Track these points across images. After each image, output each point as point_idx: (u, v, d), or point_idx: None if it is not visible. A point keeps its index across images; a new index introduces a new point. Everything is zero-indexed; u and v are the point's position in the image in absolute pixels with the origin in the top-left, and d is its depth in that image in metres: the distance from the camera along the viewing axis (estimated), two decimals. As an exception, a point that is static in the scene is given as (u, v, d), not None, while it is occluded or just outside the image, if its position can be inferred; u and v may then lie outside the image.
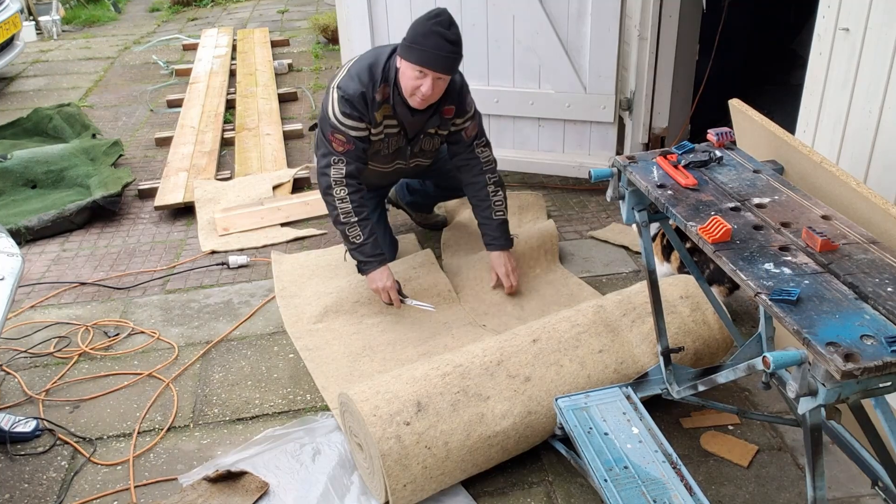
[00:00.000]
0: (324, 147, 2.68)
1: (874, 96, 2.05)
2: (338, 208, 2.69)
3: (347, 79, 2.64)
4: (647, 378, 2.18)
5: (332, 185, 2.67)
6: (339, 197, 2.67)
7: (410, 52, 2.52)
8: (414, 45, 2.51)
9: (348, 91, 2.60)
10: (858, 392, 1.32)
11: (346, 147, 2.65)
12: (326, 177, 2.68)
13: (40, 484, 2.22)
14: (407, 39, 2.55)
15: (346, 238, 2.74)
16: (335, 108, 2.62)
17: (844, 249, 1.55)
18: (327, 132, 2.65)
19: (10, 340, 2.87)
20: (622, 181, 1.97)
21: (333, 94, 2.64)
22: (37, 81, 6.38)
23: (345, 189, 2.67)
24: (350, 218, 2.69)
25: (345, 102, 2.60)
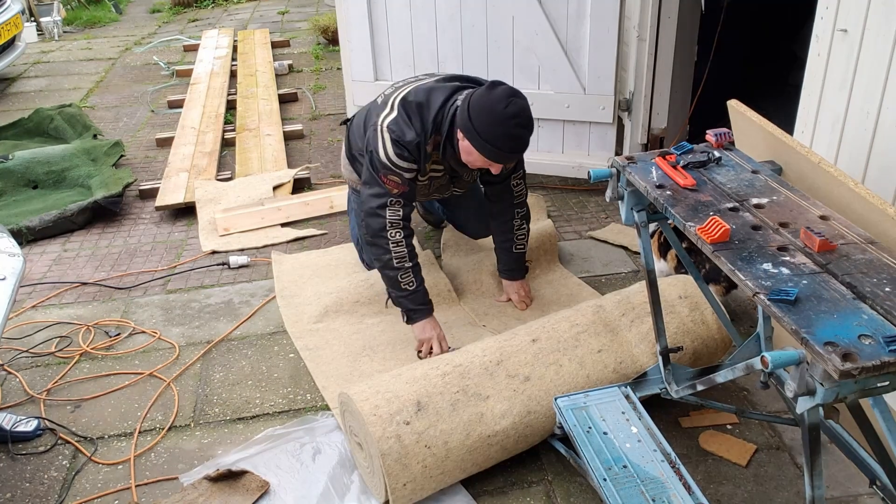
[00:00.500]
0: (376, 187, 2.49)
1: (872, 97, 2.06)
2: (392, 252, 2.50)
3: (400, 122, 2.45)
4: (646, 378, 2.19)
5: (386, 228, 2.48)
6: (394, 240, 2.49)
7: (483, 148, 2.33)
8: (488, 144, 2.32)
9: (404, 138, 2.43)
10: (856, 391, 1.32)
11: (401, 189, 2.48)
12: (381, 218, 2.48)
13: (41, 483, 2.23)
14: (479, 129, 2.31)
15: (397, 284, 2.54)
16: (388, 150, 2.44)
17: (842, 249, 1.56)
18: (379, 172, 2.47)
19: (11, 340, 2.87)
20: (621, 181, 1.98)
21: (384, 136, 2.45)
22: (38, 82, 6.39)
23: (401, 232, 2.50)
24: (404, 263, 2.51)
25: (398, 145, 2.43)
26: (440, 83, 2.53)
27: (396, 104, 2.49)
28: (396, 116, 2.46)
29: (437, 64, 3.89)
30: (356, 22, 3.89)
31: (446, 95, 2.47)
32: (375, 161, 2.47)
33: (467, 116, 2.33)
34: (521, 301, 2.89)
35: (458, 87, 2.51)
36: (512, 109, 2.29)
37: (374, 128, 2.50)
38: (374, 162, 2.48)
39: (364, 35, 3.90)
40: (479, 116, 2.30)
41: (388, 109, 2.50)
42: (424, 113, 2.45)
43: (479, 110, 2.31)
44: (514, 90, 2.34)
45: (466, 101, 2.36)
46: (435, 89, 2.49)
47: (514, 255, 2.85)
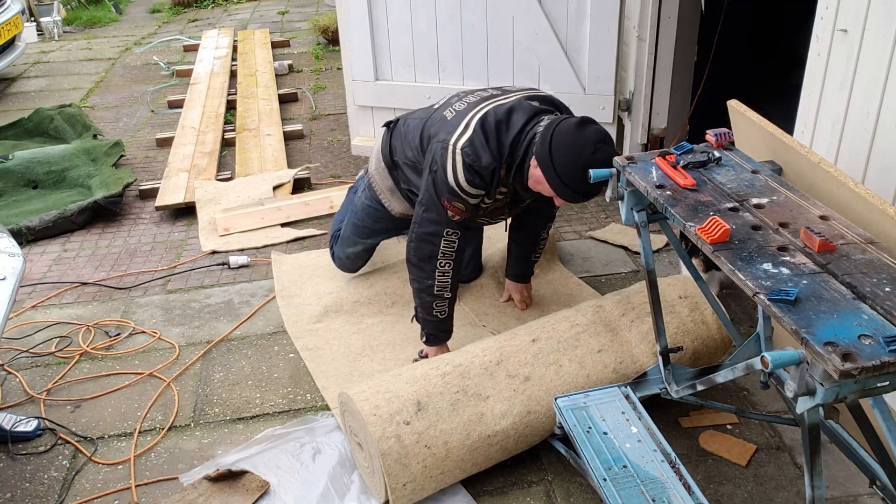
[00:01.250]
0: (435, 212, 2.33)
1: (872, 97, 2.06)
2: (435, 280, 2.38)
3: (476, 145, 2.25)
4: (646, 378, 2.19)
5: (437, 256, 2.36)
6: (441, 270, 2.37)
7: (558, 187, 2.18)
8: (564, 185, 2.16)
9: (479, 163, 2.23)
10: (856, 391, 1.32)
11: (462, 216, 2.33)
12: (432, 246, 2.35)
13: (41, 483, 2.23)
14: (558, 168, 2.14)
15: (429, 309, 2.43)
16: (459, 175, 2.25)
17: (842, 249, 1.56)
18: (442, 198, 2.30)
19: (11, 340, 2.87)
20: (621, 181, 1.98)
21: (456, 158, 2.25)
22: (38, 82, 6.39)
23: (451, 263, 2.38)
24: (444, 293, 2.41)
25: (473, 172, 2.24)
26: (521, 101, 2.34)
27: (474, 124, 2.28)
28: (472, 137, 2.26)
29: (437, 63, 3.90)
30: (356, 22, 3.89)
31: (527, 118, 2.28)
32: (440, 183, 2.29)
33: (548, 150, 2.15)
34: (522, 301, 2.88)
35: (540, 109, 2.33)
36: (599, 157, 2.10)
37: (444, 146, 2.29)
38: (437, 183, 2.30)
39: (364, 35, 3.90)
40: (562, 155, 2.13)
41: (462, 128, 2.29)
42: (503, 136, 2.27)
43: (563, 149, 2.12)
44: (604, 135, 2.15)
45: (549, 132, 2.17)
46: (516, 109, 2.30)
47: (530, 262, 2.82)
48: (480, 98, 2.40)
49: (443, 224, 2.33)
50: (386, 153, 2.68)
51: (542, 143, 2.18)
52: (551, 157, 2.14)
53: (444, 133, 2.32)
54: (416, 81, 3.95)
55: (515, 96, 2.37)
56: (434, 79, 3.93)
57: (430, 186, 2.33)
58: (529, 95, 2.39)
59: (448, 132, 2.31)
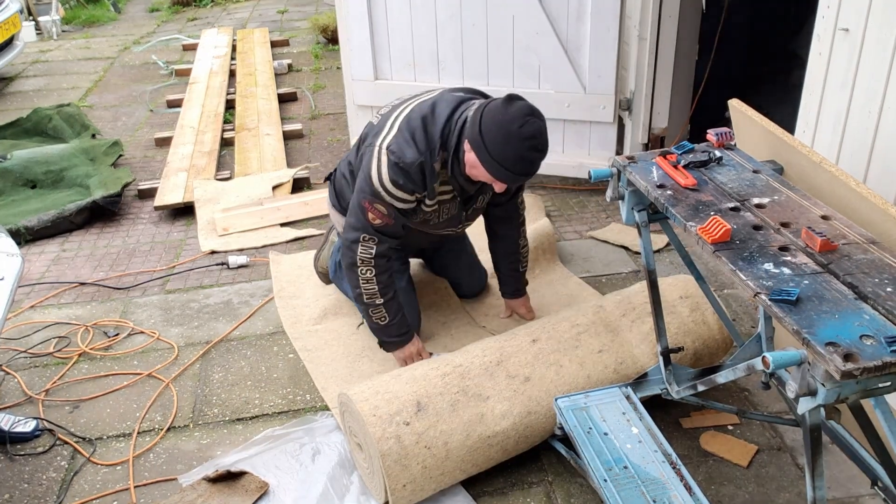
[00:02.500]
0: (355, 217, 2.30)
1: (874, 96, 2.05)
2: (361, 287, 2.37)
3: (401, 141, 2.22)
4: (647, 378, 2.18)
5: (356, 264, 2.33)
6: (364, 277, 2.35)
7: (491, 167, 2.14)
8: (497, 163, 2.12)
9: (405, 158, 2.19)
10: (858, 392, 1.32)
11: (384, 221, 2.28)
12: (352, 253, 2.33)
13: (40, 484, 2.22)
14: (489, 145, 2.11)
15: (368, 317, 2.44)
16: (383, 175, 2.21)
17: (844, 249, 1.55)
18: (363, 199, 2.26)
19: (9, 340, 2.87)
20: (622, 181, 1.98)
21: (382, 158, 2.22)
22: (36, 81, 6.38)
23: (372, 270, 2.33)
24: (375, 300, 2.38)
25: (398, 171, 2.20)
26: (443, 94, 2.35)
27: (399, 122, 2.27)
28: (397, 135, 2.24)
29: (437, 63, 3.89)
30: (356, 21, 3.88)
31: (453, 106, 2.27)
32: (364, 184, 2.26)
33: (478, 130, 2.13)
34: (528, 313, 2.80)
35: (465, 97, 2.32)
36: (528, 130, 2.08)
37: (371, 148, 2.27)
38: (362, 185, 2.27)
39: (364, 34, 3.89)
40: (492, 132, 2.10)
41: (387, 129, 2.28)
42: (430, 127, 2.23)
43: (491, 125, 2.11)
44: (532, 108, 2.13)
45: (479, 113, 2.16)
46: (439, 101, 2.29)
47: (519, 274, 2.75)
48: (405, 99, 2.40)
49: (360, 229, 2.29)
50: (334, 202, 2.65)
51: (472, 125, 2.16)
52: (482, 137, 2.12)
53: (372, 137, 2.32)
54: (416, 81, 3.95)
55: (439, 91, 2.38)
56: (434, 78, 3.92)
57: (357, 191, 2.30)
58: (453, 89, 2.39)
59: (375, 135, 2.30)
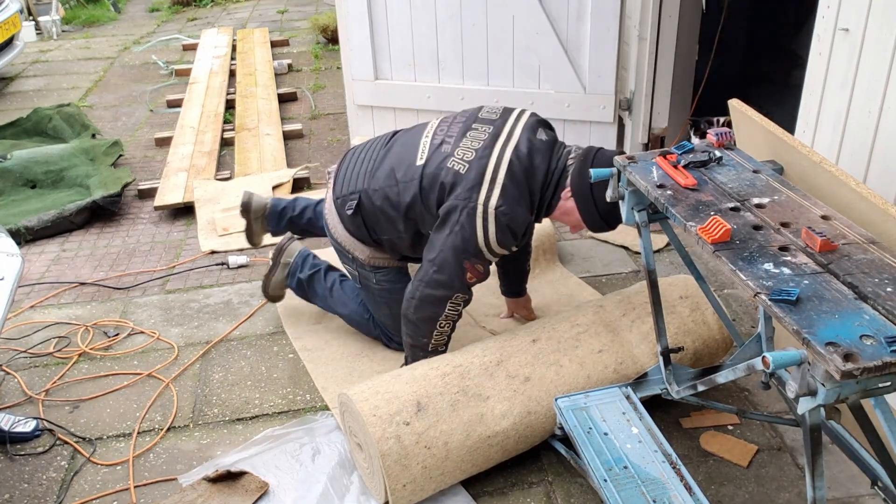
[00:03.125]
0: (449, 274, 2.16)
1: (874, 96, 2.05)
2: (432, 339, 2.26)
3: (511, 202, 2.11)
4: (647, 378, 2.18)
5: (437, 320, 2.22)
6: (440, 331, 2.26)
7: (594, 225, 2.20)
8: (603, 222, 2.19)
9: (517, 220, 2.12)
10: (858, 392, 1.32)
11: (479, 278, 2.20)
12: (437, 308, 2.20)
13: (40, 484, 2.22)
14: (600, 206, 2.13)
15: (417, 358, 2.30)
16: (491, 237, 2.11)
17: (844, 249, 1.55)
18: (464, 259, 2.13)
19: (9, 340, 2.87)
20: (622, 181, 1.98)
21: (489, 219, 2.10)
22: (36, 81, 6.38)
23: (451, 324, 2.26)
24: (440, 348, 2.31)
25: (508, 231, 2.12)
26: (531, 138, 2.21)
27: (501, 178, 2.12)
28: (502, 193, 2.11)
29: (437, 63, 3.89)
30: (356, 20, 3.88)
31: (549, 157, 2.20)
32: (466, 245, 2.12)
33: (588, 185, 2.12)
34: (530, 314, 2.79)
35: (553, 139, 2.27)
36: None
37: (471, 208, 2.11)
38: (463, 245, 2.12)
39: (364, 34, 3.89)
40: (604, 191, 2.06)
41: (487, 184, 2.12)
42: (532, 183, 2.16)
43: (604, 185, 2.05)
44: None
45: (588, 165, 2.14)
46: (535, 150, 2.18)
47: (525, 272, 2.72)
48: (488, 140, 2.21)
49: (455, 288, 2.19)
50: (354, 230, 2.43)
51: (582, 178, 2.15)
52: (593, 193, 2.15)
53: (465, 191, 2.13)
54: (416, 81, 3.95)
55: (519, 131, 2.23)
56: (434, 78, 3.92)
57: (451, 247, 2.13)
58: (530, 125, 2.26)
59: (470, 189, 2.12)
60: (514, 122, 2.28)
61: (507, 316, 2.82)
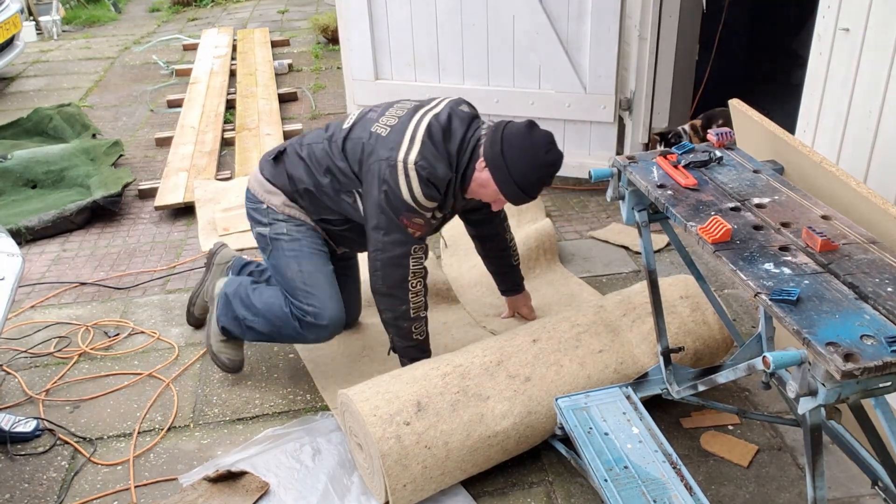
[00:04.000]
0: (397, 233, 2.21)
1: (874, 96, 2.05)
2: (410, 303, 2.27)
3: (430, 157, 2.17)
4: (647, 378, 2.18)
5: (408, 278, 2.25)
6: (414, 290, 2.27)
7: (509, 189, 2.17)
8: (517, 187, 2.16)
9: (437, 173, 2.17)
10: (858, 392, 1.32)
11: (422, 231, 2.24)
12: (403, 269, 2.24)
13: (40, 484, 2.22)
14: (512, 169, 2.13)
15: (408, 335, 2.32)
16: (415, 191, 2.17)
17: (844, 249, 1.55)
18: (400, 214, 2.19)
19: (10, 340, 2.87)
20: (622, 181, 1.98)
21: (410, 173, 2.16)
22: (37, 81, 6.38)
23: (421, 281, 2.28)
24: (420, 312, 2.30)
25: (428, 184, 2.17)
26: (454, 108, 2.29)
27: (420, 135, 2.20)
28: (422, 149, 2.18)
29: (437, 63, 3.89)
30: (356, 20, 3.88)
31: (467, 124, 2.26)
32: (396, 201, 2.18)
33: (500, 151, 2.14)
34: (531, 312, 2.78)
35: (474, 114, 2.32)
36: (551, 157, 2.16)
37: (391, 164, 2.18)
38: (393, 203, 2.18)
39: (364, 33, 3.89)
40: (516, 155, 2.13)
41: (407, 142, 2.20)
42: (449, 144, 2.22)
43: (516, 149, 2.13)
44: (550, 136, 2.20)
45: (499, 134, 2.17)
46: (454, 116, 2.26)
47: (514, 268, 2.72)
48: (411, 109, 2.31)
49: (409, 243, 2.23)
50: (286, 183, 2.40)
51: (493, 146, 2.16)
52: (504, 159, 2.14)
53: (386, 150, 2.21)
54: (417, 81, 3.95)
55: (442, 104, 2.31)
56: (434, 78, 3.92)
57: (384, 208, 2.20)
58: (454, 101, 2.33)
59: (391, 148, 2.20)
60: (439, 101, 2.35)
61: (508, 315, 2.82)
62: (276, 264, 2.42)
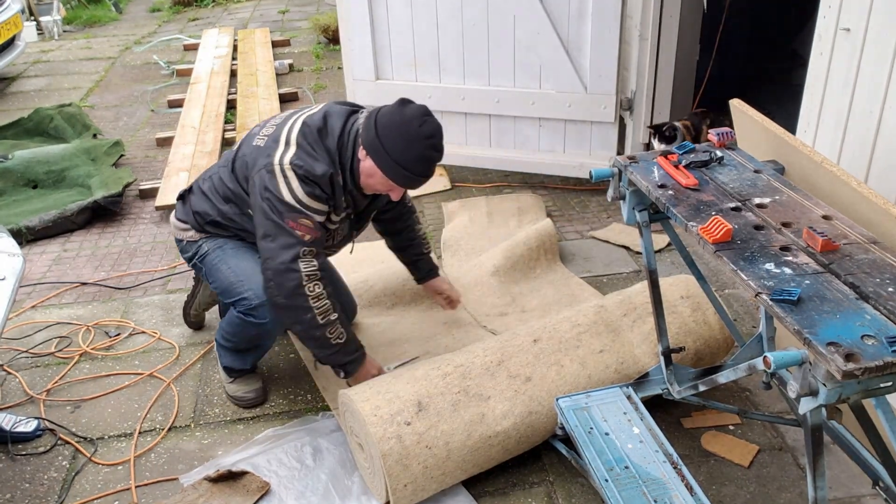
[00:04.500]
0: (284, 236, 2.13)
1: (875, 96, 2.05)
2: (314, 309, 2.16)
3: (305, 156, 2.14)
4: (648, 378, 2.18)
5: (302, 283, 2.13)
6: (314, 295, 2.15)
7: (392, 170, 2.11)
8: (399, 166, 2.09)
9: (314, 172, 2.12)
10: (859, 392, 1.32)
11: (312, 235, 2.15)
12: (295, 273, 2.12)
13: (41, 484, 2.23)
14: (389, 149, 2.08)
15: (326, 343, 2.21)
16: (296, 191, 2.12)
17: (845, 249, 1.55)
18: (285, 217, 2.12)
19: (11, 340, 2.87)
20: (623, 181, 1.98)
21: (288, 175, 2.12)
22: (38, 82, 6.38)
23: (319, 284, 2.16)
24: (330, 316, 2.18)
25: (308, 182, 2.12)
26: (331, 106, 2.27)
27: (294, 137, 2.18)
28: (297, 151, 2.15)
29: (438, 63, 3.89)
30: (357, 21, 3.88)
31: (345, 117, 2.21)
32: (278, 206, 2.12)
33: (374, 134, 2.09)
34: (448, 298, 2.70)
35: (354, 108, 2.26)
36: (427, 129, 2.07)
37: (269, 169, 2.14)
38: (276, 207, 2.12)
39: (365, 34, 3.90)
40: (390, 135, 2.07)
41: (282, 146, 2.17)
42: (326, 140, 2.17)
43: (390, 128, 2.07)
44: (426, 108, 2.12)
45: (372, 118, 2.12)
46: (330, 114, 2.22)
47: (426, 254, 2.68)
48: (286, 115, 2.29)
49: (296, 245, 2.14)
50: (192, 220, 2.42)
51: (368, 131, 2.12)
52: (380, 141, 2.09)
53: (263, 158, 2.18)
54: (417, 81, 3.95)
55: (321, 105, 2.29)
56: (435, 78, 3.93)
57: (269, 214, 2.14)
58: (333, 102, 2.31)
59: (267, 156, 2.17)
60: (316, 105, 2.33)
61: (435, 301, 2.76)
62: (212, 277, 2.40)
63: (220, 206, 2.35)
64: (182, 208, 2.48)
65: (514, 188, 3.96)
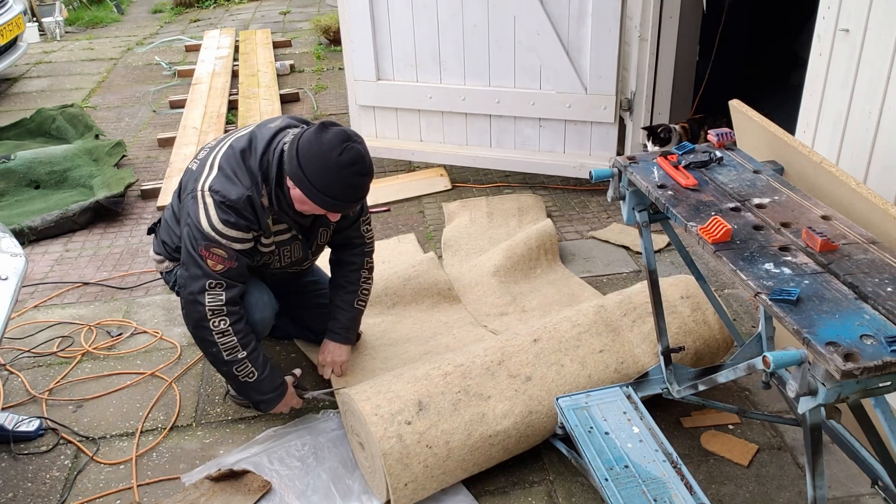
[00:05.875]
0: (194, 266, 2.12)
1: (874, 97, 2.06)
2: (218, 345, 2.14)
3: (223, 180, 2.10)
4: (648, 378, 2.19)
5: (206, 317, 2.11)
6: (218, 330, 2.13)
7: (319, 199, 2.06)
8: (323, 195, 2.05)
9: (230, 196, 2.07)
10: (858, 391, 1.33)
11: (225, 266, 2.11)
12: (199, 306, 2.11)
13: (43, 483, 2.23)
14: (311, 178, 2.03)
15: (233, 377, 2.21)
16: (212, 218, 2.08)
17: (844, 249, 1.56)
18: (198, 247, 2.10)
19: (13, 340, 2.88)
20: (623, 181, 1.98)
21: (207, 200, 2.10)
22: (40, 82, 6.39)
23: (226, 320, 2.13)
24: (237, 354, 2.16)
25: (224, 209, 2.08)
26: (259, 126, 2.23)
27: (217, 161, 2.15)
28: (218, 174, 2.12)
29: (438, 63, 3.90)
30: (358, 21, 3.89)
31: (269, 137, 2.16)
32: (194, 232, 2.11)
33: (297, 164, 2.05)
34: (339, 368, 2.49)
35: (281, 126, 2.21)
36: (347, 157, 2.01)
37: (192, 194, 2.14)
38: (192, 233, 2.12)
39: (366, 34, 3.90)
40: (312, 165, 2.03)
41: (207, 170, 2.16)
42: (249, 162, 2.13)
43: (310, 158, 2.03)
44: (347, 133, 2.05)
45: (294, 147, 2.07)
46: (256, 134, 2.19)
47: (354, 311, 2.50)
48: (220, 139, 2.29)
49: (203, 278, 2.11)
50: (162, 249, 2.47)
51: (290, 160, 2.07)
52: (303, 171, 2.04)
53: (192, 183, 2.18)
54: (418, 81, 3.96)
55: (254, 125, 2.26)
56: (436, 78, 3.93)
57: (186, 242, 2.14)
58: (270, 119, 2.27)
59: (195, 180, 2.17)
60: (248, 126, 2.29)
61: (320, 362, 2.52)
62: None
63: (179, 230, 2.31)
64: (154, 241, 2.54)
65: (514, 188, 3.97)
